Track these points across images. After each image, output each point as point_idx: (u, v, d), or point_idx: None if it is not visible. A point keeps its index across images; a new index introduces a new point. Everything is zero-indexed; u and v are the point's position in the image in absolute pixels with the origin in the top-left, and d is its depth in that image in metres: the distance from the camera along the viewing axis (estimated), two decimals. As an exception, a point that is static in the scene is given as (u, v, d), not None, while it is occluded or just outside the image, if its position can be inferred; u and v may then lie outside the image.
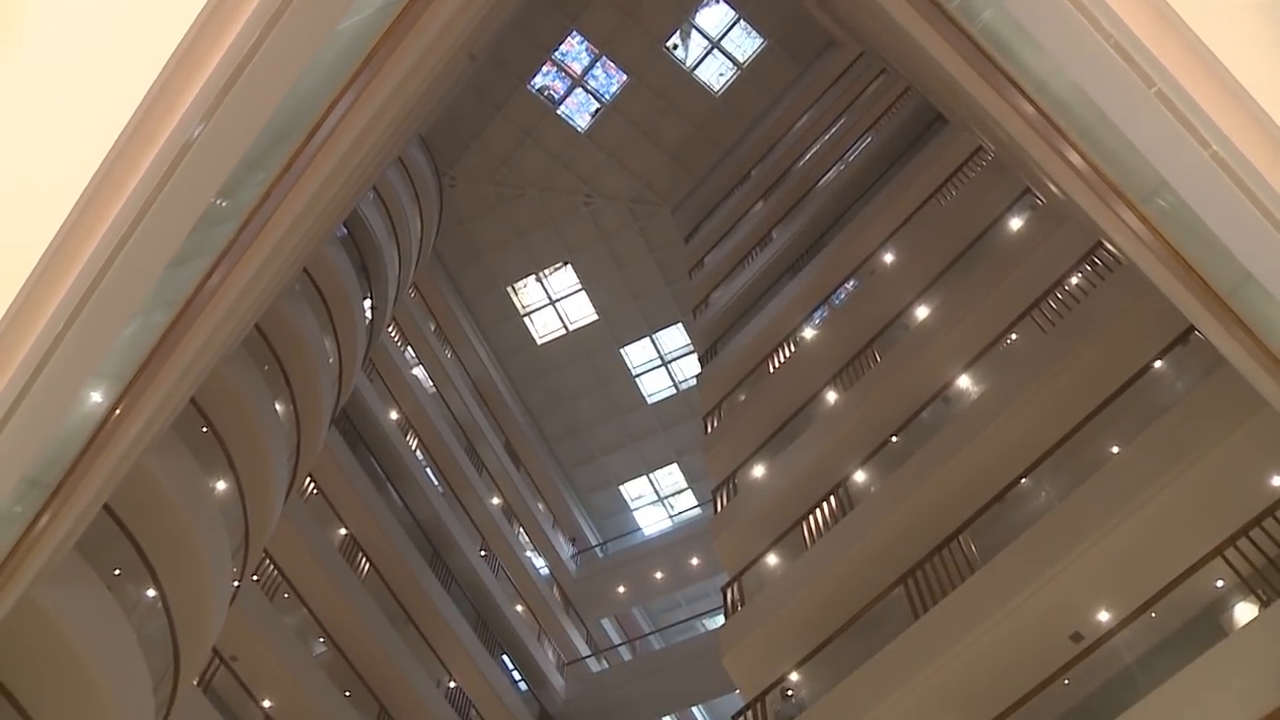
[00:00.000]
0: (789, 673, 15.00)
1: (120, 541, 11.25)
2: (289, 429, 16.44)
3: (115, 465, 7.48)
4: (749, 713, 14.92)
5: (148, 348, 6.59)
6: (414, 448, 27.35)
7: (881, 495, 15.59)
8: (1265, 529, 9.33)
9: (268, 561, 19.43)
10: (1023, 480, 13.32)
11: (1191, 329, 11.45)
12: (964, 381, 16.08)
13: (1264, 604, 9.03)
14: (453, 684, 24.93)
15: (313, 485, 21.99)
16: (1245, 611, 9.58)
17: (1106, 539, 11.15)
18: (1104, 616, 11.27)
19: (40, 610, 9.51)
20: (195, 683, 15.27)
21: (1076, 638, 11.35)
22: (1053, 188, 10.16)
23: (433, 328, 31.15)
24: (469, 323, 33.19)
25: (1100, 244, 13.68)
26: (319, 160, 7.26)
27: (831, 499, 16.84)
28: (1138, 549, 10.97)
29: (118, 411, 6.66)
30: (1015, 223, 16.50)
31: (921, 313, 18.09)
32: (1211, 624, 10.05)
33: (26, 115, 4.77)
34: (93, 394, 6.39)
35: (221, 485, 13.91)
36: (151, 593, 11.79)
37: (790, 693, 15.02)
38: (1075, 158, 6.40)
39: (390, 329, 27.39)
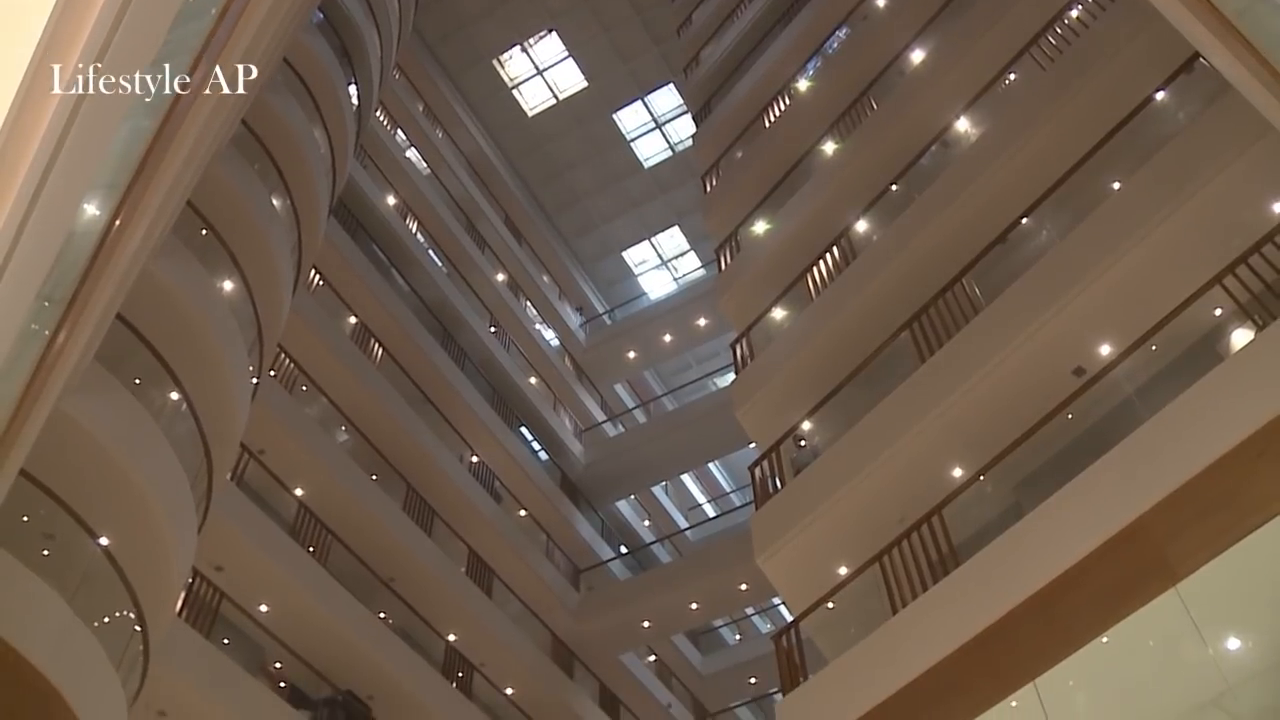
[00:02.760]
0: (801, 422, 15.41)
1: (139, 350, 11.44)
2: (288, 223, 16.41)
3: (123, 274, 7.54)
4: (764, 463, 15.42)
5: (140, 153, 6.56)
6: (414, 231, 27.33)
7: (884, 243, 15.65)
8: (1264, 255, 9.40)
9: (283, 356, 19.77)
10: (1023, 220, 13.33)
11: (1195, 57, 11.22)
12: (962, 124, 15.88)
13: (1260, 328, 9.18)
14: (475, 459, 25.74)
15: (318, 277, 22.12)
16: (1242, 337, 9.75)
17: (1107, 274, 11.26)
18: (1105, 350, 11.49)
19: (73, 421, 9.77)
20: (228, 477, 15.82)
21: (1079, 372, 11.60)
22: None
23: (421, 108, 30.58)
24: (457, 100, 32.53)
25: (1099, -30, 13.24)
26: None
27: (834, 250, 16.90)
28: (1138, 283, 11.09)
29: (118, 221, 6.68)
30: (1012, -45, 15.90)
31: (917, 56, 17.69)
32: (1209, 351, 10.25)
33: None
34: (92, 206, 6.39)
35: (229, 285, 14.00)
36: (175, 395, 12.06)
37: (803, 442, 15.49)
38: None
39: (378, 114, 26.89)
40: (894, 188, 16.56)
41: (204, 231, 13.56)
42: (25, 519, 10.02)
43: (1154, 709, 9.24)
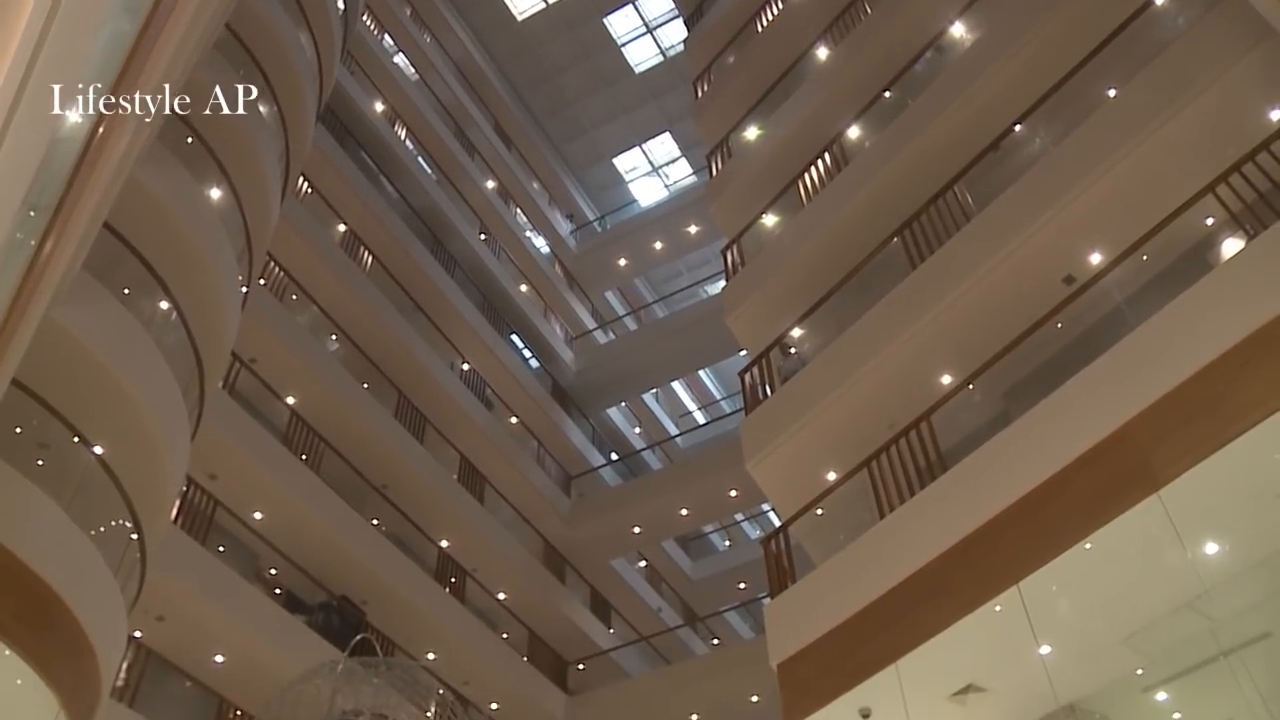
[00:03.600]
0: (791, 329, 15.46)
1: (128, 259, 11.38)
2: (275, 129, 16.22)
3: (108, 182, 7.47)
4: (755, 369, 15.50)
5: (123, 57, 6.46)
6: (403, 137, 27.04)
7: (876, 149, 15.54)
8: (1259, 163, 9.36)
9: (273, 264, 19.70)
10: (1017, 128, 13.23)
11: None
12: (957, 30, 15.65)
13: (1250, 237, 9.19)
14: (466, 366, 25.82)
15: (307, 185, 21.93)
16: (1232, 247, 9.74)
17: (1100, 182, 11.21)
18: (1096, 258, 11.49)
19: (64, 331, 9.76)
20: (220, 386, 15.87)
21: (1069, 280, 11.63)
22: None
23: (408, 13, 30.00)
24: (445, 4, 31.89)
25: None
26: None
27: (826, 156, 16.79)
28: (1131, 191, 11.05)
29: (101, 127, 6.60)
30: None
31: (912, -41, 17.37)
32: (1199, 261, 10.26)
33: None
34: (74, 112, 6.31)
35: (216, 193, 13.88)
36: (165, 304, 12.03)
37: (794, 349, 15.55)
38: None
39: (365, 19, 26.42)
40: (887, 94, 16.40)
41: (190, 139, 13.40)
42: (18, 430, 10.06)
43: (1133, 612, 9.47)
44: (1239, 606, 9.01)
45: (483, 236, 28.91)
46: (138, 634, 14.38)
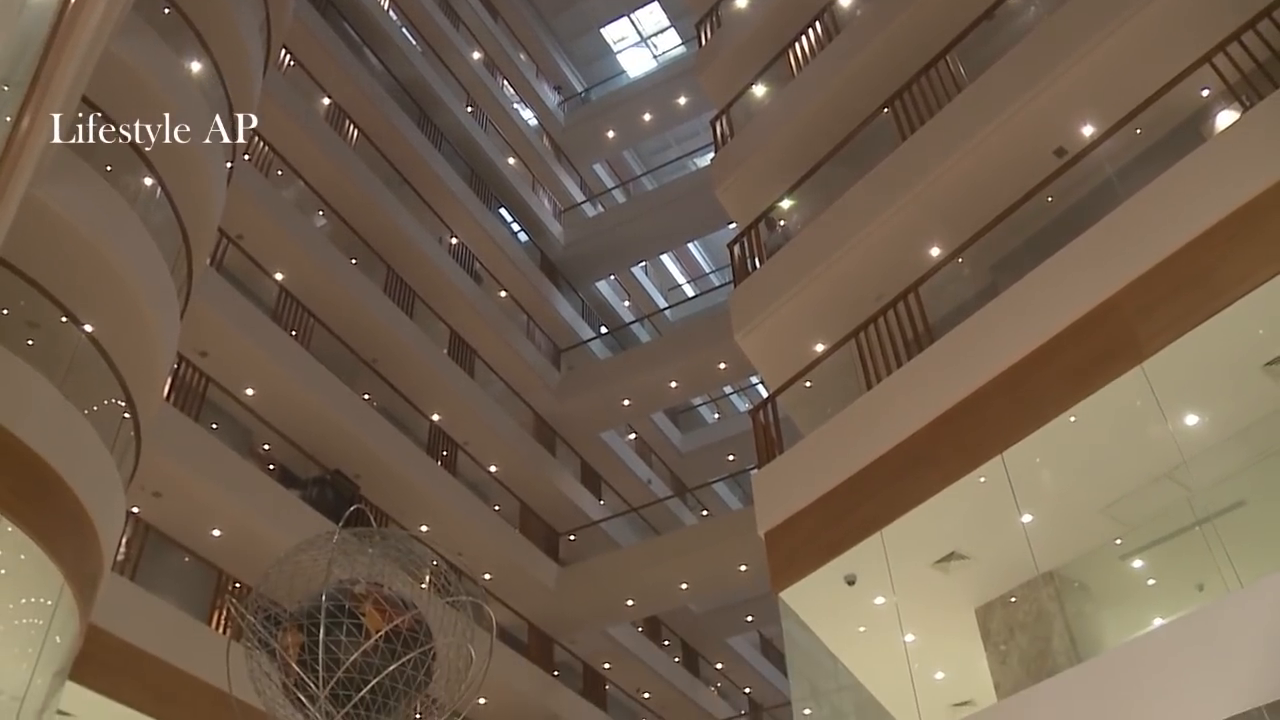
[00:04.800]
0: (781, 200, 15.38)
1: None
2: (254, -1, 15.82)
3: (84, 54, 7.32)
4: (743, 241, 15.46)
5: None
6: (386, 8, 26.43)
7: (867, 18, 15.21)
8: (1259, 32, 9.19)
9: (257, 139, 19.41)
10: (1011, -5, 12.97)
11: None
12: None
13: (1246, 108, 9.09)
14: (454, 240, 25.69)
15: (289, 57, 21.46)
16: (1227, 119, 9.64)
17: (1095, 52, 11.02)
18: (1088, 131, 11.39)
19: (48, 208, 9.66)
20: (208, 263, 15.79)
21: (1060, 153, 11.53)
22: None
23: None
24: None
25: None
26: None
27: (817, 25, 16.46)
28: (1126, 61, 10.87)
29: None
30: None
31: None
32: (1193, 133, 10.15)
33: None
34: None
35: (196, 66, 13.60)
36: (149, 181, 11.89)
37: (782, 222, 15.50)
38: None
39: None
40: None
41: (167, 10, 13.08)
42: (5, 311, 10.04)
43: (1113, 482, 9.66)
44: (1216, 476, 9.19)
45: (469, 109, 28.47)
46: (135, 510, 14.58)
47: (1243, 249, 8.26)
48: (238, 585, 15.38)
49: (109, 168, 11.22)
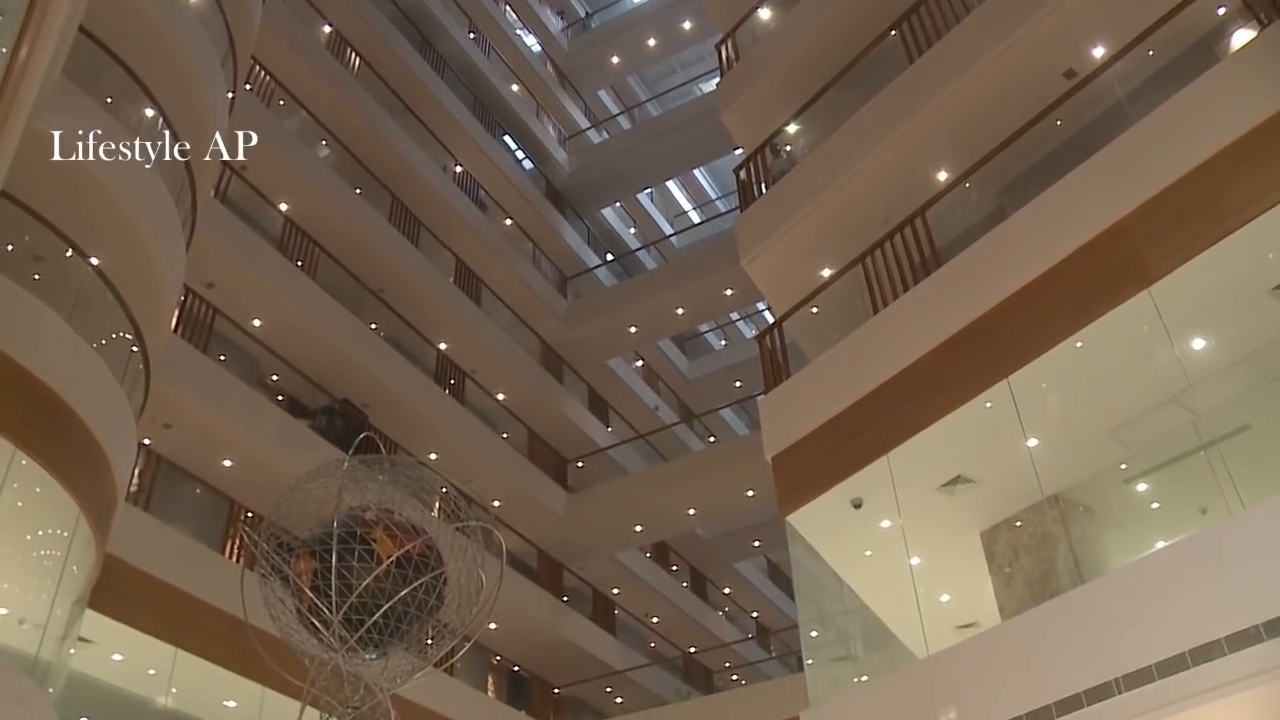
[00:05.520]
0: (787, 124, 15.24)
1: (109, 68, 11.08)
2: (252, -76, 15.56)
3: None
4: (750, 166, 15.35)
5: None
6: (385, -70, 26.01)
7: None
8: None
9: (258, 69, 19.24)
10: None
11: None
12: None
13: (1264, 25, 8.93)
14: (459, 168, 25.53)
15: (287, -18, 21.19)
16: (1242, 38, 9.45)
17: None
18: (1098, 52, 11.23)
19: (50, 139, 9.59)
20: (212, 194, 15.73)
21: (1070, 75, 11.36)
22: None
23: None
24: None
25: None
26: None
27: (824, -55, 16.19)
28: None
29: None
30: None
31: None
32: (1207, 54, 9.98)
33: None
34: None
35: (194, -6, 13.44)
36: (150, 112, 11.80)
37: (789, 147, 15.37)
38: None
39: None
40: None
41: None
42: (10, 247, 10.03)
43: (1118, 406, 9.68)
44: (1221, 400, 9.21)
45: (471, 35, 28.13)
46: (147, 441, 14.70)
47: (1253, 172, 8.19)
48: (250, 514, 15.55)
49: (109, 99, 11.14)
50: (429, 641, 9.38)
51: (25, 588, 10.22)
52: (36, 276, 9.81)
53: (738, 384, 29.25)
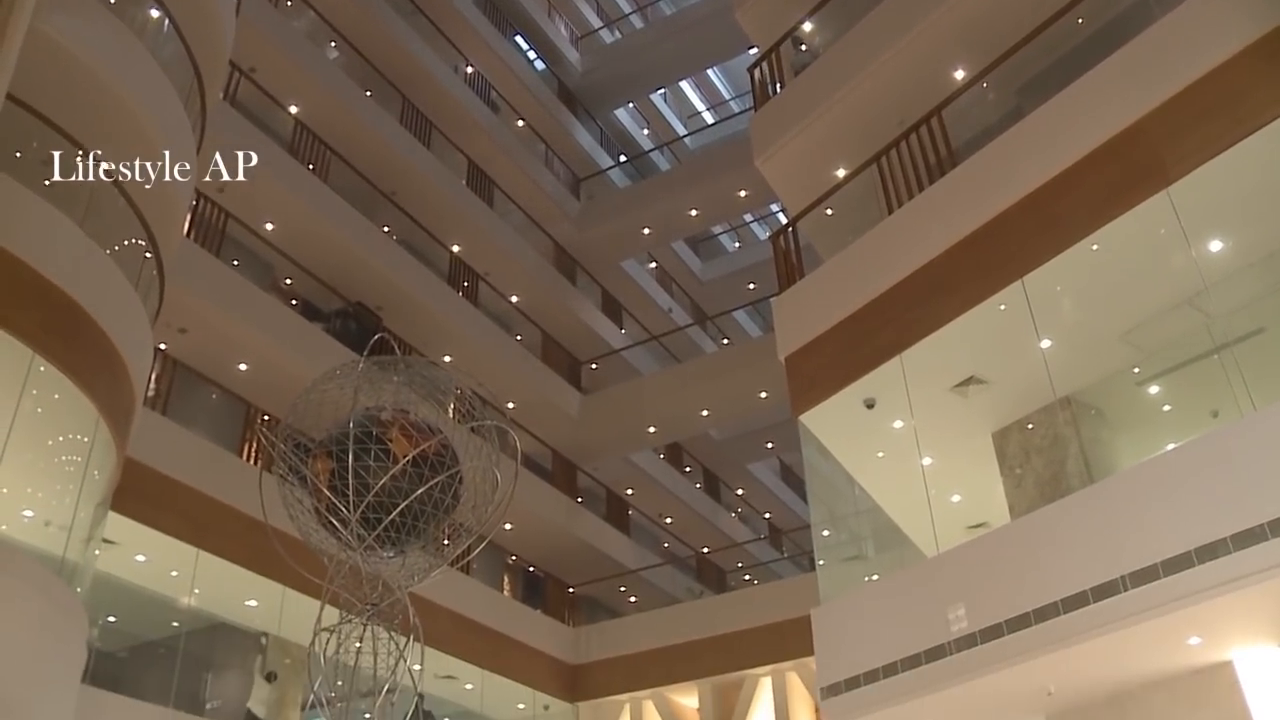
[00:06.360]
0: (802, 22, 14.97)
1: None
2: None
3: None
4: (764, 64, 15.12)
5: None
6: None
7: None
8: None
9: (264, -35, 18.93)
10: None
11: None
12: None
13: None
14: (470, 69, 25.22)
15: (291, -124, 20.73)
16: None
17: None
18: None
19: (53, 41, 9.49)
20: (220, 98, 15.59)
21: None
22: None
23: None
24: None
25: None
26: None
27: None
28: None
29: None
30: None
31: None
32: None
33: None
34: None
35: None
36: (155, 13, 11.64)
37: (804, 45, 15.13)
38: None
39: None
40: None
41: None
42: (18, 155, 9.97)
43: (1132, 308, 9.66)
44: (1236, 303, 9.18)
45: (480, -69, 27.56)
46: (163, 346, 14.80)
47: (1277, 72, 8.04)
48: (266, 417, 15.70)
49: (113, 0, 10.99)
50: (445, 541, 9.54)
51: (49, 492, 10.38)
52: (47, 183, 9.77)
53: (751, 286, 29.18)
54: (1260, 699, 7.86)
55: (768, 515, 30.55)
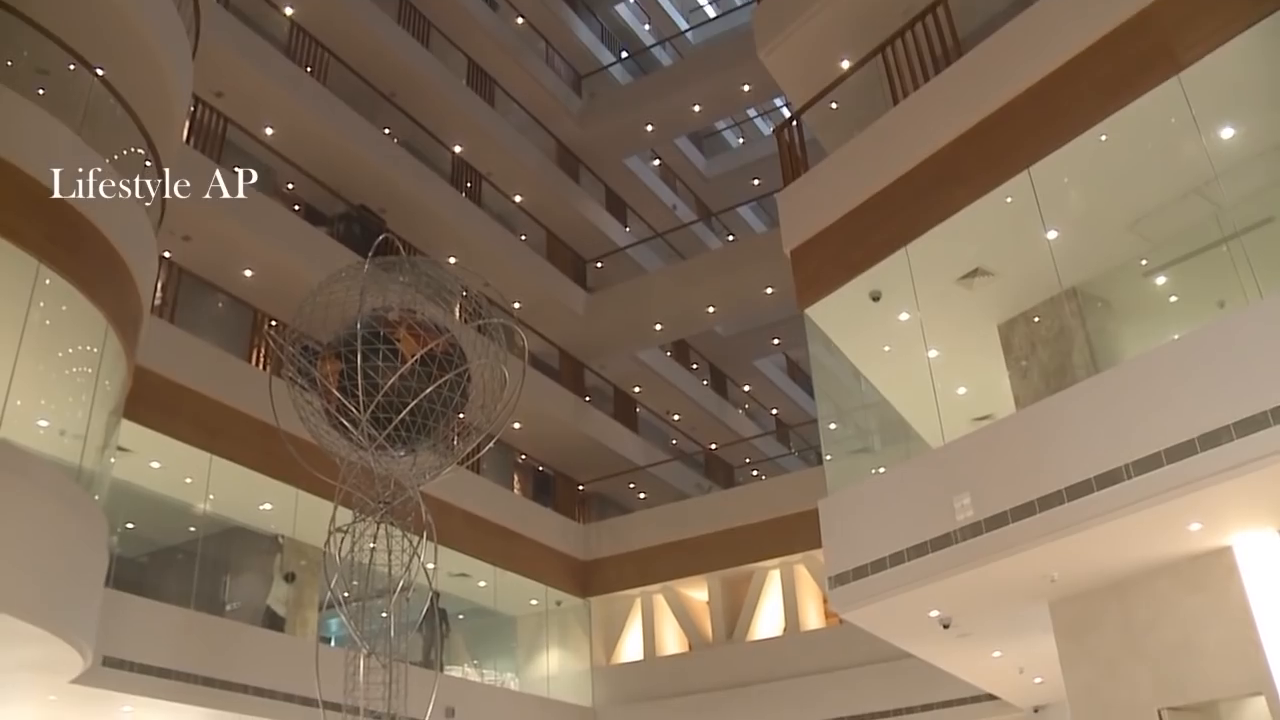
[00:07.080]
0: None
1: None
2: None
3: None
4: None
5: None
6: None
7: None
8: None
9: None
10: None
11: None
12: None
13: None
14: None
15: None
16: None
17: None
18: None
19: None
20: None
21: None
22: None
23: None
24: None
25: None
26: None
27: None
28: None
29: None
30: None
31: None
32: None
33: None
34: None
35: None
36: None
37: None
38: None
39: None
40: None
41: None
42: (10, 62, 9.84)
43: (1140, 198, 9.59)
44: (1245, 191, 9.09)
45: None
46: (167, 254, 14.77)
47: (1289, -49, 7.87)
48: (274, 322, 15.74)
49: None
50: (455, 440, 9.64)
51: (63, 403, 10.46)
52: (41, 91, 9.66)
53: (756, 181, 28.95)
54: (1258, 582, 8.02)
55: (774, 411, 30.74)
